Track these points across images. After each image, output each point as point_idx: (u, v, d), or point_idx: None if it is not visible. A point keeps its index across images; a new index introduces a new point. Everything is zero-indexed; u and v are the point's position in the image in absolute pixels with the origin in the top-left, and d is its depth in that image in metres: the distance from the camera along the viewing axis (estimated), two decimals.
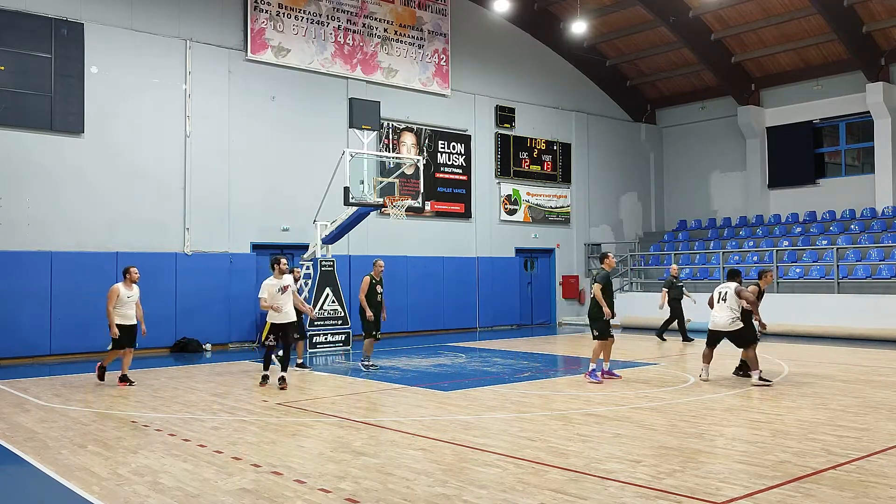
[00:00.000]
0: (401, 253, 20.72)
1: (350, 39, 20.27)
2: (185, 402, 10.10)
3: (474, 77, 23.04)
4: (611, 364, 12.04)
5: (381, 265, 13.26)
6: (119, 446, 7.46)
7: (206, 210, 17.72)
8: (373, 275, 13.07)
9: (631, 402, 9.78)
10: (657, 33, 24.32)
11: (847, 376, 11.93)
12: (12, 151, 15.40)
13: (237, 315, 17.83)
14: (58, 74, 15.86)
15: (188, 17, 17.74)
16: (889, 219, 21.80)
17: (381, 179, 17.81)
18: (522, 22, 24.19)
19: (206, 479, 6.24)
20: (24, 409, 9.68)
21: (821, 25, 22.16)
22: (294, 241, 18.99)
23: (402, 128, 21.36)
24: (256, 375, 12.69)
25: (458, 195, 22.54)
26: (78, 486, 6.10)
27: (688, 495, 5.64)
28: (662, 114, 28.22)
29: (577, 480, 6.10)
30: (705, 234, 25.63)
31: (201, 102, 17.75)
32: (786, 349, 16.19)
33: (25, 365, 14.64)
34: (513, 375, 12.46)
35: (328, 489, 5.92)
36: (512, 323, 23.45)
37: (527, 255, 24.51)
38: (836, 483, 5.95)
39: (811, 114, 24.29)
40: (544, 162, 24.83)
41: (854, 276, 19.78)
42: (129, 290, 11.52)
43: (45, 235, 15.67)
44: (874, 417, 8.59)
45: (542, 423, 8.39)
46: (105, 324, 11.64)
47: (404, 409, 9.60)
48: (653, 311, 22.08)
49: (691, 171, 27.53)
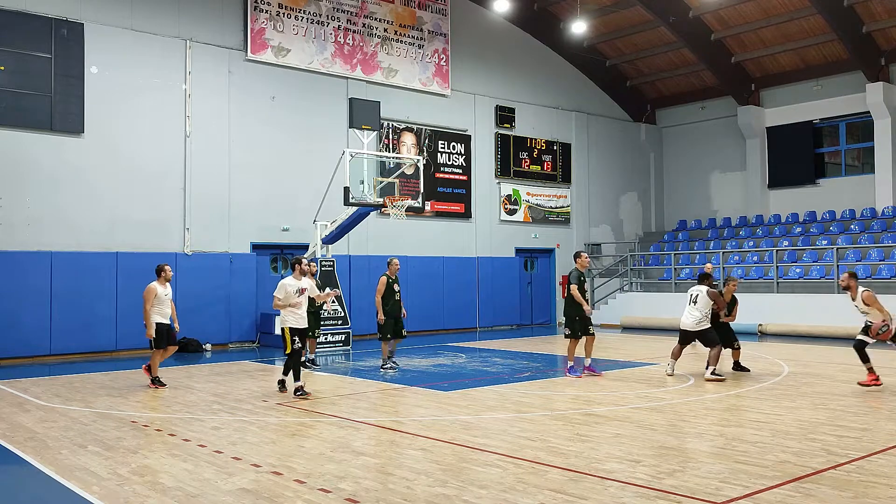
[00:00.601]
0: (401, 253, 20.68)
1: (350, 39, 20.28)
2: (185, 402, 10.09)
3: (474, 77, 23.04)
4: (597, 363, 12.47)
5: (396, 264, 13.02)
6: (119, 446, 7.46)
7: (206, 210, 17.72)
8: (388, 274, 12.83)
9: (631, 402, 9.78)
10: (657, 33, 24.31)
11: (847, 376, 11.93)
12: (12, 151, 15.41)
13: (237, 315, 17.83)
14: (58, 74, 15.86)
15: (188, 17, 17.74)
16: (889, 219, 21.80)
17: (381, 179, 17.82)
18: (522, 22, 24.20)
19: (206, 479, 6.24)
20: (24, 409, 9.68)
21: (821, 25, 22.16)
22: (294, 241, 18.99)
23: (402, 128, 21.37)
24: (256, 376, 12.69)
25: (458, 195, 22.55)
26: (78, 486, 6.10)
27: (688, 495, 5.64)
28: (662, 114, 28.22)
29: (577, 480, 6.10)
30: (705, 234, 25.63)
31: (201, 102, 17.76)
32: (786, 349, 16.20)
33: (25, 365, 14.64)
34: (513, 375, 12.46)
35: (328, 489, 5.92)
36: (512, 323, 23.45)
37: (527, 255, 24.51)
38: (836, 483, 5.95)
39: (811, 114, 24.30)
40: (544, 162, 24.84)
41: None
42: (164, 289, 11.31)
43: (45, 235, 15.67)
44: (874, 417, 8.59)
45: (542, 423, 8.40)
46: (137, 322, 11.25)
47: (404, 409, 9.60)
48: (653, 312, 22.13)
49: (691, 171, 27.53)
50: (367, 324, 19.05)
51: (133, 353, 16.19)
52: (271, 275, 18.97)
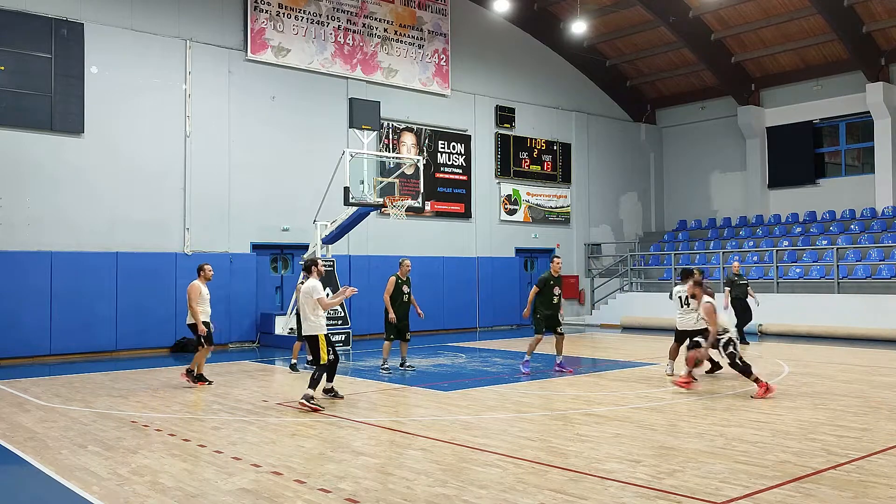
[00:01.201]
0: (401, 253, 20.60)
1: (350, 39, 20.28)
2: (185, 402, 10.09)
3: (474, 77, 23.04)
4: (564, 360, 12.89)
5: (407, 265, 12.96)
6: (119, 446, 7.46)
7: (206, 210, 17.72)
8: (399, 275, 12.80)
9: (631, 402, 9.78)
10: (657, 33, 24.31)
11: (847, 376, 11.93)
12: (12, 151, 15.40)
13: (237, 315, 17.83)
14: (58, 74, 15.86)
15: (188, 17, 17.74)
16: (889, 219, 21.80)
17: (381, 179, 17.81)
18: (522, 22, 24.19)
19: (206, 479, 6.24)
20: (24, 409, 9.67)
21: (821, 25, 22.16)
22: (294, 241, 18.99)
23: (402, 128, 21.36)
24: (256, 376, 12.69)
25: (458, 195, 22.54)
26: (78, 486, 6.10)
27: (688, 495, 5.64)
28: (662, 114, 28.21)
29: (577, 480, 6.10)
30: (705, 234, 25.63)
31: (201, 102, 17.75)
32: (786, 349, 16.20)
33: (25, 365, 14.63)
34: (513, 375, 12.46)
35: (328, 489, 5.92)
36: (512, 323, 23.45)
37: (527, 255, 24.51)
38: (836, 483, 5.95)
39: (811, 114, 24.29)
40: (544, 162, 24.83)
41: (854, 276, 19.78)
42: (205, 287, 11.45)
43: (45, 235, 15.66)
44: (874, 417, 8.59)
45: (542, 423, 8.40)
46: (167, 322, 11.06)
47: (404, 409, 9.60)
48: (653, 312, 22.11)
49: (691, 171, 27.53)
50: (367, 324, 19.08)
51: (133, 353, 16.20)
52: (271, 275, 18.98)
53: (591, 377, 12.41)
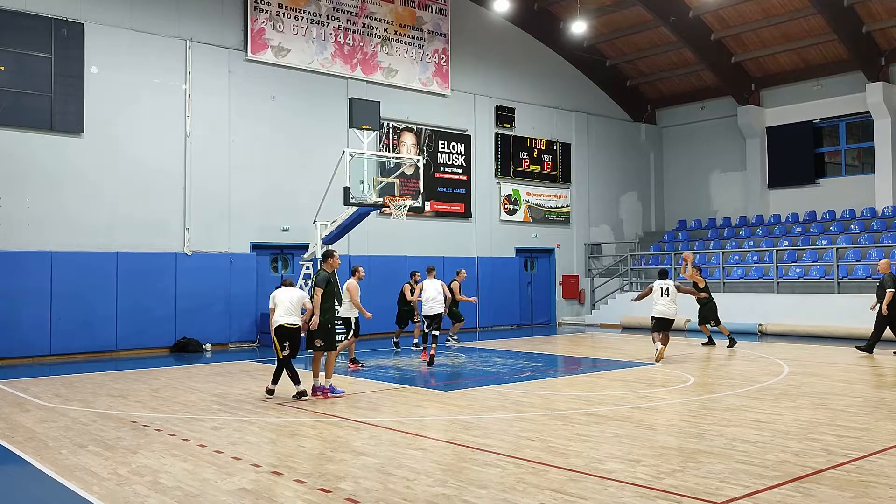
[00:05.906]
0: (401, 253, 20.72)
1: (350, 39, 20.27)
2: (185, 402, 10.09)
3: (474, 77, 23.04)
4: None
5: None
6: (119, 446, 7.46)
7: (207, 210, 17.72)
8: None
9: (631, 402, 9.78)
10: (657, 33, 24.31)
11: (847, 376, 11.93)
12: (12, 151, 15.40)
13: (237, 315, 17.83)
14: (58, 74, 15.86)
15: (188, 17, 17.74)
16: (889, 219, 21.79)
17: (381, 179, 17.80)
18: (522, 22, 24.19)
19: (206, 479, 6.24)
20: (24, 409, 9.68)
21: (821, 25, 22.16)
22: (294, 241, 18.98)
23: (402, 128, 21.36)
24: (256, 376, 12.69)
25: (458, 195, 22.54)
26: (78, 486, 6.10)
27: (688, 495, 5.64)
28: (662, 114, 28.21)
29: (577, 480, 6.10)
30: (705, 234, 25.62)
31: (201, 102, 17.75)
32: (786, 349, 16.20)
33: (25, 365, 14.64)
34: (513, 375, 12.46)
35: (328, 489, 5.92)
36: (512, 323, 23.45)
37: (527, 255, 24.51)
38: (836, 483, 5.95)
39: (811, 114, 24.29)
40: (544, 162, 24.83)
41: (854, 276, 19.77)
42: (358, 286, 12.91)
43: (45, 235, 15.66)
44: (874, 417, 8.59)
45: (542, 423, 8.39)
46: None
47: (404, 409, 9.60)
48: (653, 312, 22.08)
49: (691, 171, 27.53)
50: (366, 323, 19.00)
51: (133, 353, 16.21)
52: (271, 275, 18.96)
53: (591, 377, 12.41)
